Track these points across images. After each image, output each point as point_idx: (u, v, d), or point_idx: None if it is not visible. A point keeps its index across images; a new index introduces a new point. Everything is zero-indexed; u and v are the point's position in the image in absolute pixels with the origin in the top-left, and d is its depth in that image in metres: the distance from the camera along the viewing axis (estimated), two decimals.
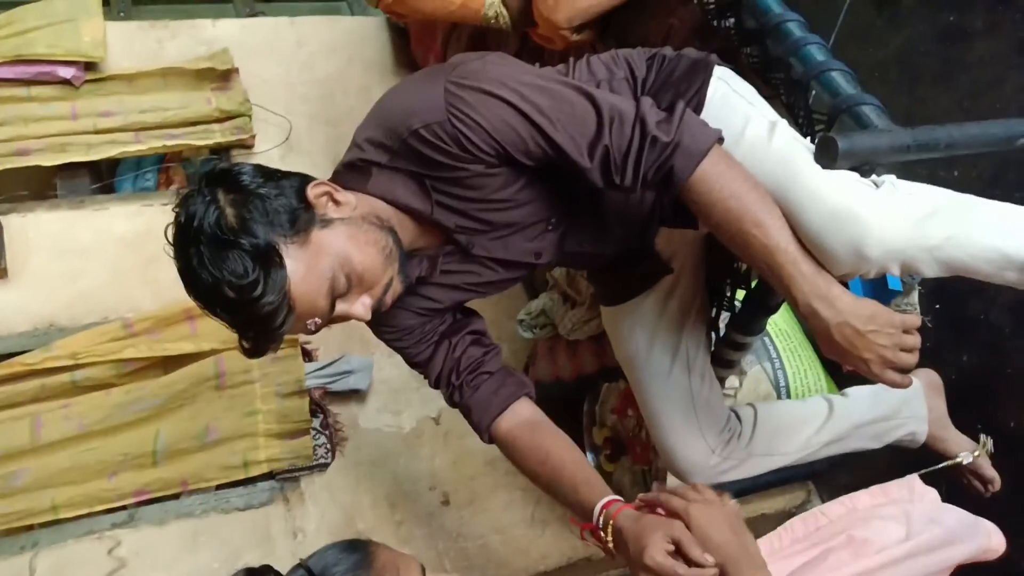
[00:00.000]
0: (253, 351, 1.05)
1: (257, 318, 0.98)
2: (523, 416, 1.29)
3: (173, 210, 1.02)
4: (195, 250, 0.98)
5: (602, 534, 1.11)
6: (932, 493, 1.26)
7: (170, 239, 1.02)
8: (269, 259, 0.98)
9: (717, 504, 1.07)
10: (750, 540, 1.03)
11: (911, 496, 1.23)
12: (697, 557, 1.01)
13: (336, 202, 1.08)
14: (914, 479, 1.15)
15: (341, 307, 1.07)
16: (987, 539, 1.22)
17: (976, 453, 1.44)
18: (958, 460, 1.37)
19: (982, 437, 1.47)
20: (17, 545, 1.91)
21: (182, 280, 1.02)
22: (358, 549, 1.01)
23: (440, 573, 1.07)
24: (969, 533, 1.21)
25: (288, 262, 0.99)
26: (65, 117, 2.47)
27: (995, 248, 1.11)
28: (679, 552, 1.02)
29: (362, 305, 1.08)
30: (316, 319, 1.05)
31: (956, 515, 1.24)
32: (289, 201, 1.03)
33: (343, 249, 1.04)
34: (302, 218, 1.02)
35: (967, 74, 1.71)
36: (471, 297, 1.31)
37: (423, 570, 1.03)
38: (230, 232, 0.97)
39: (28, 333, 2.17)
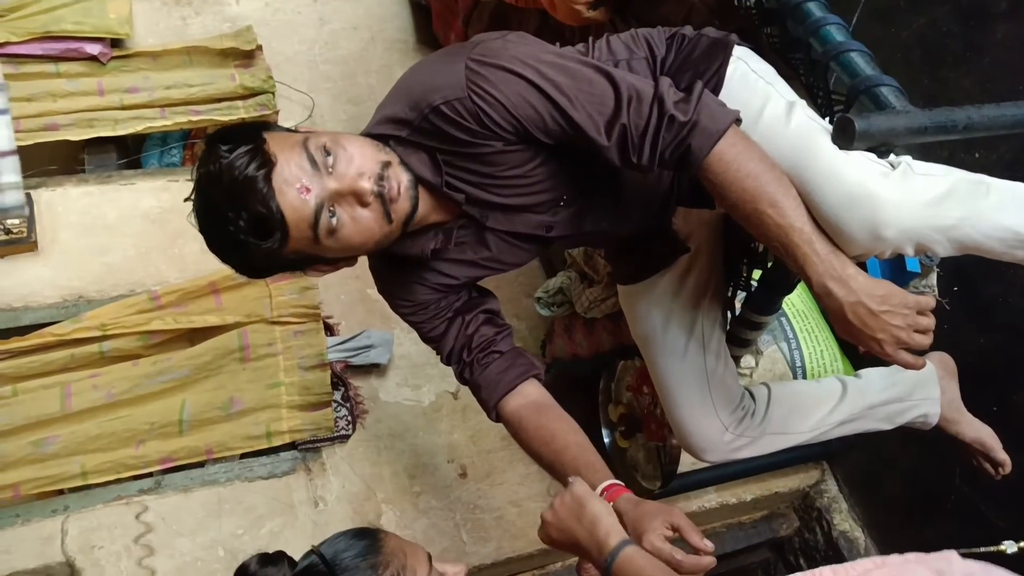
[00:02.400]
0: (255, 265, 1.08)
1: (243, 179, 1.00)
2: (531, 397, 1.30)
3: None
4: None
5: None
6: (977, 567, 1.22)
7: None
8: (256, 141, 1.03)
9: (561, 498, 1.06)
10: (598, 524, 1.02)
11: (950, 568, 1.18)
12: (697, 543, 1.02)
13: None
14: (952, 555, 1.12)
15: (332, 182, 1.05)
16: None
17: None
18: (1001, 549, 1.34)
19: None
20: (49, 508, 1.96)
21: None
22: (367, 536, 1.05)
23: (444, 564, 1.09)
24: None
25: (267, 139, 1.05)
26: (92, 93, 2.51)
27: (1007, 227, 1.12)
28: (680, 538, 1.03)
29: (356, 170, 1.06)
30: (303, 181, 1.03)
31: None
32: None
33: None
34: None
35: (990, 56, 1.70)
36: (486, 273, 1.33)
37: (430, 558, 1.06)
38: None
39: (57, 305, 2.21)
